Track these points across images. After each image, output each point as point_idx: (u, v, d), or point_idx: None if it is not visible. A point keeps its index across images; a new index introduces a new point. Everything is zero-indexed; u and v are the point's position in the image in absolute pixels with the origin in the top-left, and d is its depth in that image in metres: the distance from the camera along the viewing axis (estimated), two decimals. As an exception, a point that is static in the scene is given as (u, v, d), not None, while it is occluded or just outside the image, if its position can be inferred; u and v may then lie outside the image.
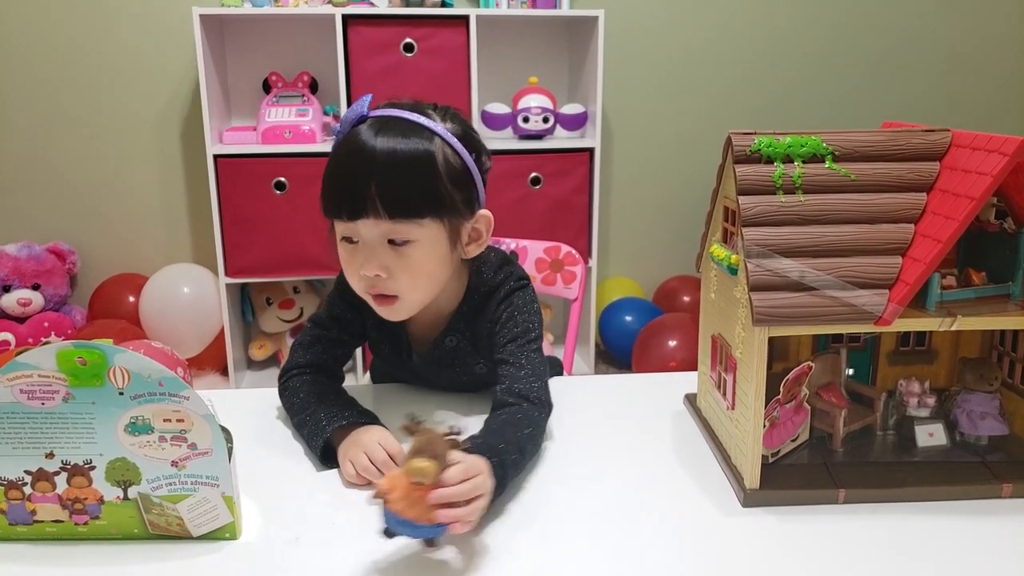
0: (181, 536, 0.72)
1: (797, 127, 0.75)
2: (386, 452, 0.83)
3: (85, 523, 0.72)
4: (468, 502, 0.68)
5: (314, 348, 1.01)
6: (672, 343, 2.39)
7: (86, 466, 0.70)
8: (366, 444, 0.84)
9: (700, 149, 2.93)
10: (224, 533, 0.72)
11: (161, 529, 0.72)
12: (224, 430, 0.75)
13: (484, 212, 0.94)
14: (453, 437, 0.64)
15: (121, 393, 0.67)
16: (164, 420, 0.68)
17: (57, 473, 0.70)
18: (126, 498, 0.71)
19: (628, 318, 2.68)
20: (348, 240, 0.89)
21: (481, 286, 0.99)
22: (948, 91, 3.03)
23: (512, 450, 0.80)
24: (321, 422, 0.89)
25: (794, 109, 2.95)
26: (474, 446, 0.76)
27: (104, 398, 0.68)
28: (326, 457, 0.87)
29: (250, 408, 1.02)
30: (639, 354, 2.47)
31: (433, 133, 0.87)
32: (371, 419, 0.91)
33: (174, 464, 0.70)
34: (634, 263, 3.02)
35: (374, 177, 0.84)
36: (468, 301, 0.99)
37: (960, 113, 3.04)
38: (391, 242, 0.87)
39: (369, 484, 0.81)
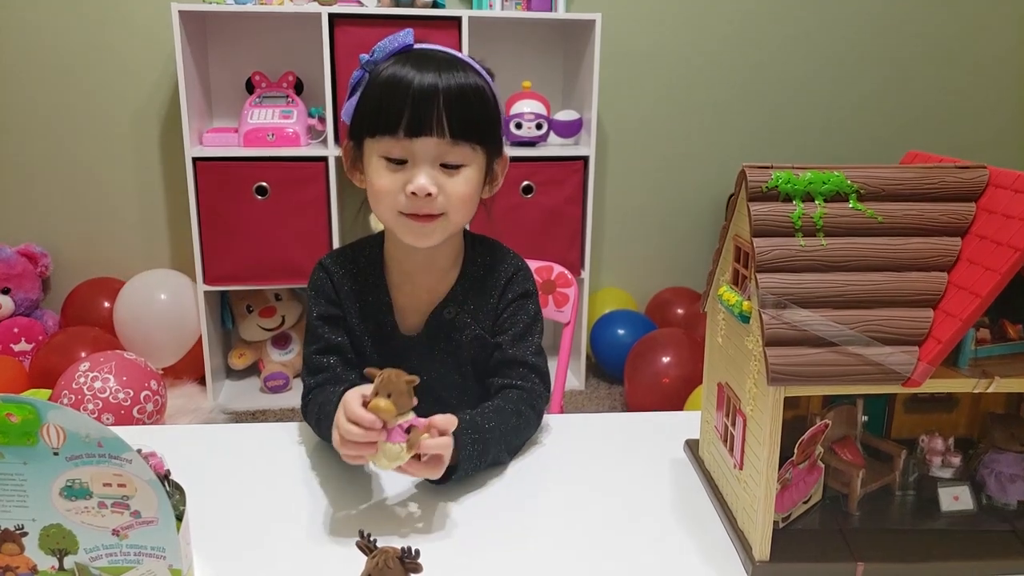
0: (123, 612, 0.65)
1: (795, 136, 0.68)
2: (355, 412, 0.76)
3: (16, 595, 0.64)
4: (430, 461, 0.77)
5: (320, 360, 0.98)
6: (665, 359, 2.32)
7: (17, 532, 0.62)
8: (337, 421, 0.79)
9: (698, 159, 2.87)
10: (172, 609, 0.65)
11: (101, 604, 0.64)
12: (177, 488, 0.68)
13: (505, 153, 0.98)
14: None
15: (56, 453, 0.60)
16: (104, 484, 0.61)
17: (-16, 540, 0.62)
18: (62, 568, 0.63)
19: (620, 331, 2.61)
20: (392, 160, 0.89)
21: (477, 257, 1.02)
22: (947, 108, 2.98)
23: (493, 439, 0.86)
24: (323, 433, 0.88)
25: (794, 119, 2.88)
26: (460, 420, 0.80)
27: (37, 458, 0.60)
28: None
29: (217, 444, 0.94)
30: (631, 370, 2.40)
31: (478, 72, 0.92)
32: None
33: (115, 533, 0.62)
34: (627, 274, 2.95)
35: (441, 96, 0.86)
36: (468, 271, 1.01)
37: (972, 133, 2.98)
38: (443, 165, 0.89)
39: (365, 447, 0.76)
